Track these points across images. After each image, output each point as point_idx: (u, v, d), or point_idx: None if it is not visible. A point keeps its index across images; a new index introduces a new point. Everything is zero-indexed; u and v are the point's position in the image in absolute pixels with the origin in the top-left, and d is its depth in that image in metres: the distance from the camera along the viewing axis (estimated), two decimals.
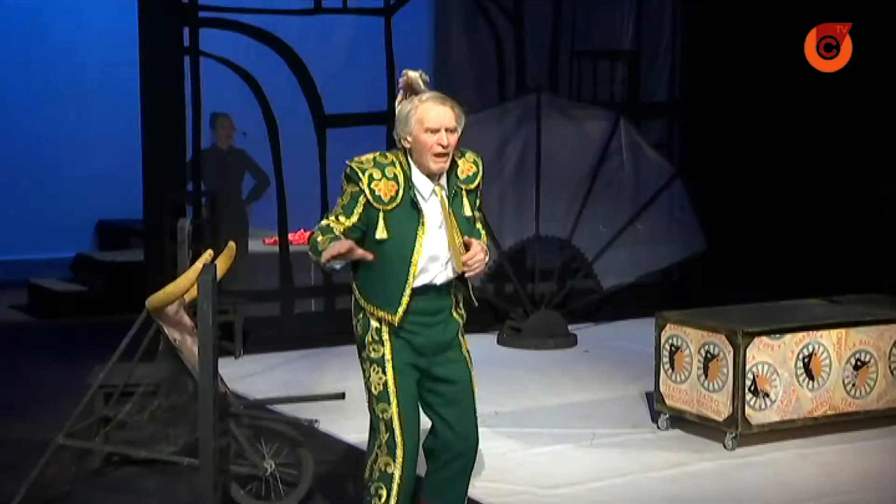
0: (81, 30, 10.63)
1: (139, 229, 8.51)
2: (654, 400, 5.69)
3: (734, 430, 5.27)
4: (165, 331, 4.23)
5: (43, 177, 10.50)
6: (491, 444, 5.38)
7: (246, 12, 7.73)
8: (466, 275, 3.70)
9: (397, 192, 3.61)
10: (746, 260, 9.27)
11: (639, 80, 8.94)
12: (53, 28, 10.58)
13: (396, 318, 3.64)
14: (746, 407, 5.25)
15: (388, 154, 3.69)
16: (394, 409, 3.68)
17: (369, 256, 3.53)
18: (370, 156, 3.70)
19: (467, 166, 3.73)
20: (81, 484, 4.53)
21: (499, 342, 7.82)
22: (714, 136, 9.27)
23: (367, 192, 3.60)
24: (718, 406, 5.32)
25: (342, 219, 3.63)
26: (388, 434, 3.67)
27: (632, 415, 5.92)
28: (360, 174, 3.62)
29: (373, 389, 3.69)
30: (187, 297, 4.21)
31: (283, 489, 4.47)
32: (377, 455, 3.69)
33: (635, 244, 8.45)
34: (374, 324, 3.69)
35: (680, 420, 5.59)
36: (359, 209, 3.61)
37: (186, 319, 4.31)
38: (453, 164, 3.68)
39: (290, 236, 8.14)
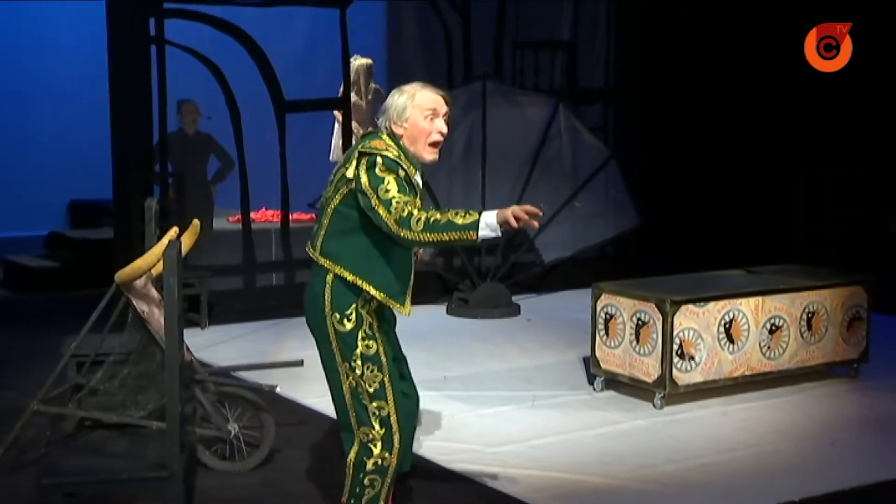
0: (53, 20, 10.42)
1: (109, 208, 8.40)
2: (591, 364, 5.73)
3: (663, 391, 5.34)
4: (134, 303, 4.17)
5: (17, 160, 10.31)
6: (440, 407, 5.41)
7: (209, 4, 7.63)
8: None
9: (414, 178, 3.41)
10: (675, 235, 9.38)
11: (577, 68, 8.98)
12: (26, 18, 10.35)
13: (407, 309, 3.43)
14: (674, 369, 5.31)
15: (384, 139, 3.42)
16: (391, 406, 3.46)
17: (534, 225, 3.28)
18: (380, 142, 3.39)
19: None
20: (56, 447, 4.48)
21: (448, 312, 7.83)
22: (646, 121, 9.35)
23: (409, 176, 3.35)
24: (648, 369, 5.39)
25: (417, 200, 3.29)
26: (384, 429, 3.44)
27: (570, 378, 5.96)
28: (398, 161, 3.34)
29: (368, 388, 3.42)
30: (155, 272, 4.16)
31: (247, 450, 4.46)
32: (370, 449, 3.45)
33: (574, 221, 8.51)
34: (367, 318, 3.42)
35: (614, 382, 5.65)
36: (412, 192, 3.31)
37: (154, 292, 4.26)
38: None
39: (252, 215, 8.09)
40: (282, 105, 7.86)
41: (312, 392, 5.45)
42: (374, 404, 3.44)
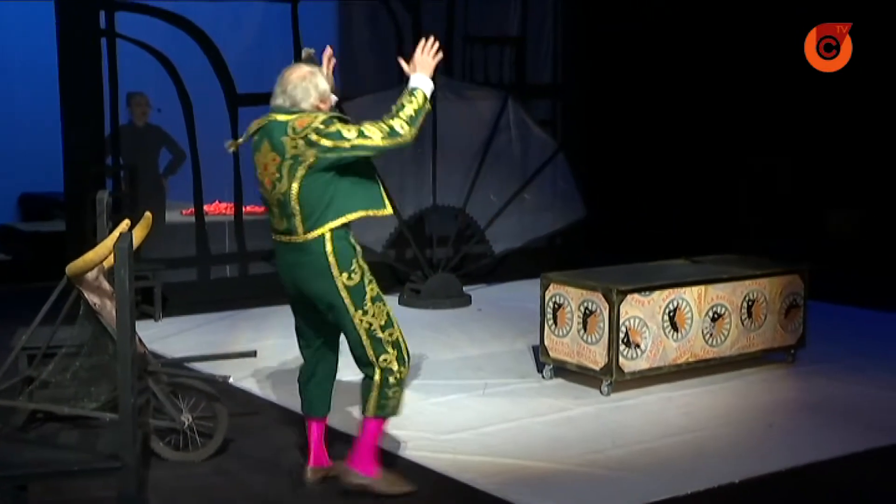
0: (2, 12, 10.18)
1: (60, 201, 8.26)
2: (540, 352, 5.76)
3: (609, 378, 5.38)
4: (86, 296, 4.11)
5: None
6: None
7: None
8: None
9: None
10: (620, 225, 9.47)
11: (525, 63, 9.00)
12: None
13: (388, 209, 3.90)
14: (620, 357, 5.36)
15: (302, 116, 3.81)
16: (397, 329, 3.94)
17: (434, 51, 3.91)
18: (301, 119, 3.77)
19: None
20: (7, 440, 4.40)
21: (400, 303, 7.82)
22: (593, 115, 9.41)
23: (343, 119, 3.81)
24: (596, 357, 5.43)
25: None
26: (396, 350, 3.91)
27: (520, 366, 5.99)
28: (331, 115, 3.77)
29: (380, 322, 3.86)
30: (106, 264, 4.09)
31: (200, 440, 4.42)
32: (391, 369, 3.88)
33: (523, 213, 8.54)
34: (364, 265, 3.84)
35: (562, 370, 5.68)
36: None
37: (106, 285, 4.19)
38: None
39: (205, 207, 8.00)
40: (234, 98, 7.78)
41: (265, 382, 5.42)
42: (387, 333, 3.89)
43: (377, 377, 3.91)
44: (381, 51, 8.42)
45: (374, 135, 3.69)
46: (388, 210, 3.88)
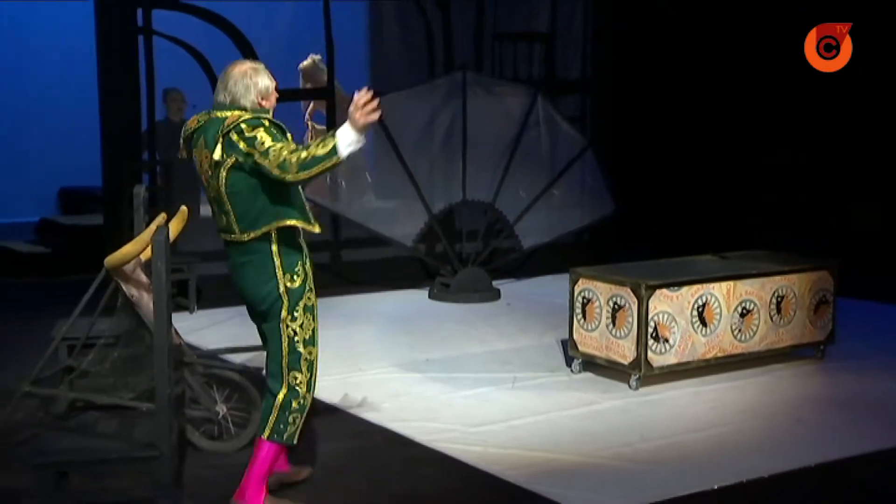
0: (41, 9, 10.30)
1: (99, 195, 8.35)
2: (568, 346, 5.75)
3: (638, 372, 5.37)
4: (123, 288, 4.16)
5: (8, 148, 10.21)
6: (422, 388, 5.44)
7: None
8: None
9: None
10: (649, 222, 9.42)
11: (554, 59, 8.98)
12: (15, 7, 10.23)
13: (317, 227, 3.69)
14: (649, 351, 5.34)
15: (235, 113, 3.67)
16: (317, 351, 3.77)
17: (374, 109, 3.40)
18: (232, 115, 3.63)
19: None
20: (48, 427, 4.47)
21: (430, 297, 7.84)
22: (622, 111, 9.37)
23: (273, 123, 3.66)
24: (624, 351, 5.41)
25: (289, 141, 3.55)
26: (309, 374, 3.74)
27: (548, 360, 5.99)
28: (258, 116, 3.60)
29: (305, 336, 3.70)
30: (143, 257, 4.14)
31: (234, 430, 4.47)
32: (297, 391, 3.72)
33: (551, 208, 8.52)
34: (308, 272, 3.70)
35: (591, 364, 5.67)
36: None
37: (143, 277, 4.24)
38: None
39: None
40: None
41: None
42: (307, 350, 3.71)
43: (281, 396, 3.71)
44: (412, 48, 8.44)
45: (273, 158, 3.44)
46: (317, 229, 3.65)
